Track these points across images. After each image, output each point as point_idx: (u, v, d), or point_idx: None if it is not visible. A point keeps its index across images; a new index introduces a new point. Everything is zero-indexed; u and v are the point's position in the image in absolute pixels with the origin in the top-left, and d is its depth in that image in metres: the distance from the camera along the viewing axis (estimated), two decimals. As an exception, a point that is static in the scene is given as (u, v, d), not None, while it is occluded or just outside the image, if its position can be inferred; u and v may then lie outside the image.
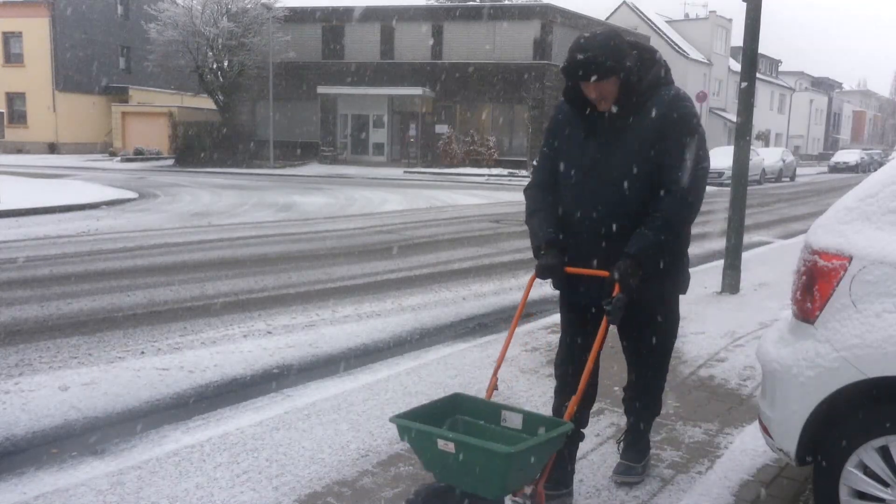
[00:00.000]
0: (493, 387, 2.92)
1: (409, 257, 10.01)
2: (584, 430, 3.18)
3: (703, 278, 8.36)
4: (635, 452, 3.33)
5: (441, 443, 2.45)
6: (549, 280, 3.00)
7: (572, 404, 2.75)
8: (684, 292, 3.13)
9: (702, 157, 2.84)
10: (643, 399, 3.28)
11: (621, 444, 3.40)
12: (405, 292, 7.68)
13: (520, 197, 2.50)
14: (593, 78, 2.73)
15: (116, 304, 6.88)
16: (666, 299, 3.09)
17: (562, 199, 2.97)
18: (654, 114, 2.82)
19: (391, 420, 2.60)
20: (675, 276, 3.03)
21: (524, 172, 31.54)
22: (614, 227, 2.85)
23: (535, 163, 3.12)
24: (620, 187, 2.83)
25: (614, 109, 2.85)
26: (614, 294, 2.73)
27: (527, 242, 2.58)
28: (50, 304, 6.76)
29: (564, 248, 2.93)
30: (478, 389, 4.51)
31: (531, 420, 2.68)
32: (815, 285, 2.72)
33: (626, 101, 2.82)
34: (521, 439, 2.55)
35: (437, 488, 2.60)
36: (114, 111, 41.28)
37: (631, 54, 2.81)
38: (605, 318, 2.74)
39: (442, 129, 35.03)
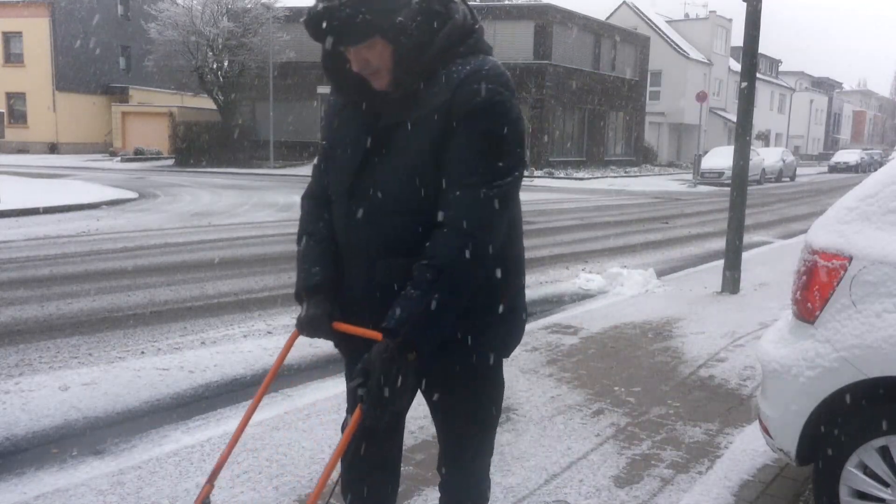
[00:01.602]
0: (204, 498, 1.99)
1: (409, 257, 10.00)
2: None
3: (703, 278, 8.37)
4: None
5: None
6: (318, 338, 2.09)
7: None
8: (506, 354, 2.08)
9: (502, 171, 1.83)
10: None
11: None
12: (405, 292, 7.66)
13: (520, 196, 2.01)
14: (342, 40, 1.79)
15: (116, 304, 6.88)
16: (477, 365, 2.02)
17: (334, 221, 2.06)
18: (439, 99, 1.83)
19: None
20: (494, 332, 2.00)
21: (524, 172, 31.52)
22: (390, 269, 1.90)
23: (315, 161, 2.19)
24: (396, 210, 1.89)
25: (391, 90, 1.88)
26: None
27: (527, 241, 2.14)
28: (50, 304, 6.76)
29: (334, 294, 2.04)
30: (478, 389, 4.51)
31: None
32: (815, 285, 2.72)
33: (401, 77, 1.84)
34: None
35: None
36: (114, 111, 41.31)
37: (407, 5, 1.81)
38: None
39: (442, 128, 35.00)
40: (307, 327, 2.05)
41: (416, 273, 1.81)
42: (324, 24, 1.76)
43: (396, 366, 1.78)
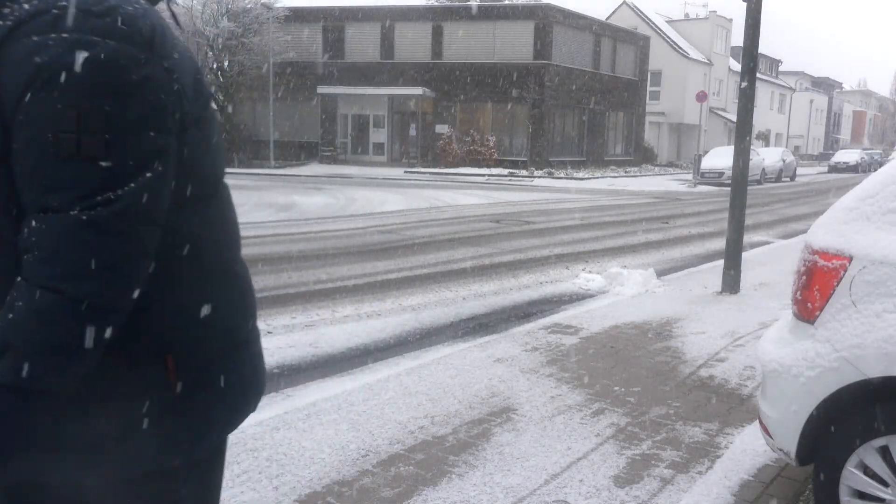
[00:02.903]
0: None
1: (409, 257, 10.01)
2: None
3: (704, 278, 8.37)
4: None
5: None
6: None
7: None
8: (171, 462, 1.33)
9: (111, 176, 1.13)
10: None
11: None
12: (405, 292, 7.68)
13: (520, 196, 1.80)
14: None
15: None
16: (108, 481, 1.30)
17: None
18: None
19: None
20: (149, 430, 1.27)
21: (524, 172, 31.57)
22: None
23: None
24: None
25: None
26: None
27: (527, 241, 1.86)
28: (50, 304, 6.76)
29: None
30: (477, 389, 4.51)
31: None
32: (816, 285, 2.73)
33: None
34: None
35: None
36: (114, 111, 41.29)
37: None
38: None
39: (442, 129, 35.06)
40: None
41: None
42: None
43: None
